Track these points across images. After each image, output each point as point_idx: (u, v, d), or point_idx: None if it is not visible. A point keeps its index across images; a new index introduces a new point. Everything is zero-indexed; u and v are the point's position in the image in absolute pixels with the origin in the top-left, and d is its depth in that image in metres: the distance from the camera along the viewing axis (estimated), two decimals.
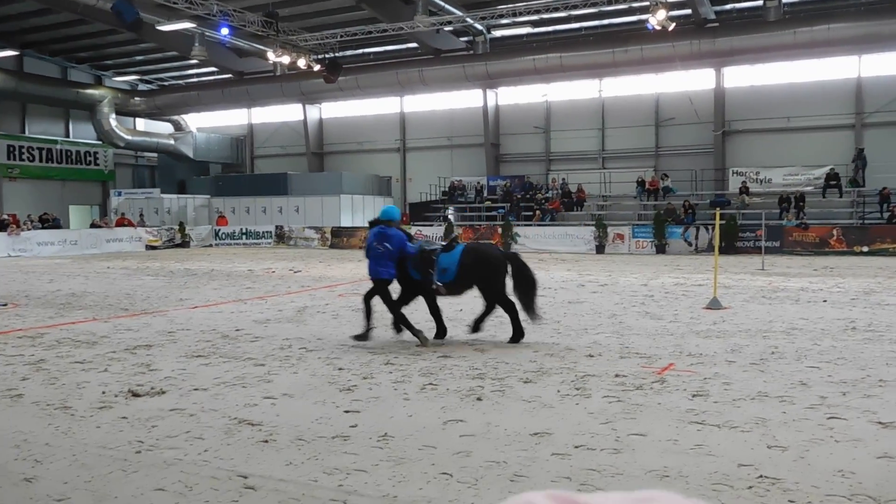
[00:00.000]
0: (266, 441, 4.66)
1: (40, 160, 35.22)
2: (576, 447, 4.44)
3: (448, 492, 3.75)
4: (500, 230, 27.70)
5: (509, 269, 8.32)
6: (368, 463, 4.20)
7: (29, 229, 27.29)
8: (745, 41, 25.08)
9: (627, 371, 6.58)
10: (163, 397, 5.83)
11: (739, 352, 7.45)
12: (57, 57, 35.35)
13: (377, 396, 5.77)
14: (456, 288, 8.38)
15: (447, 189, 33.37)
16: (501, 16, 27.03)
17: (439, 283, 8.17)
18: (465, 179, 33.30)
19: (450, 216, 31.04)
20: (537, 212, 29.30)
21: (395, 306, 8.31)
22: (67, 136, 37.22)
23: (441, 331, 8.51)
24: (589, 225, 26.75)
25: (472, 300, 9.42)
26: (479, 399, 5.65)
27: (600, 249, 25.65)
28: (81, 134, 37.36)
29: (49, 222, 29.51)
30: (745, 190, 26.91)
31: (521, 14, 26.77)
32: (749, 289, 13.50)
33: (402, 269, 8.29)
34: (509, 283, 8.34)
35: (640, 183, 29.22)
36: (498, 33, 30.99)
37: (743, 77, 29.03)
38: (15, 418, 5.28)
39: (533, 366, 6.87)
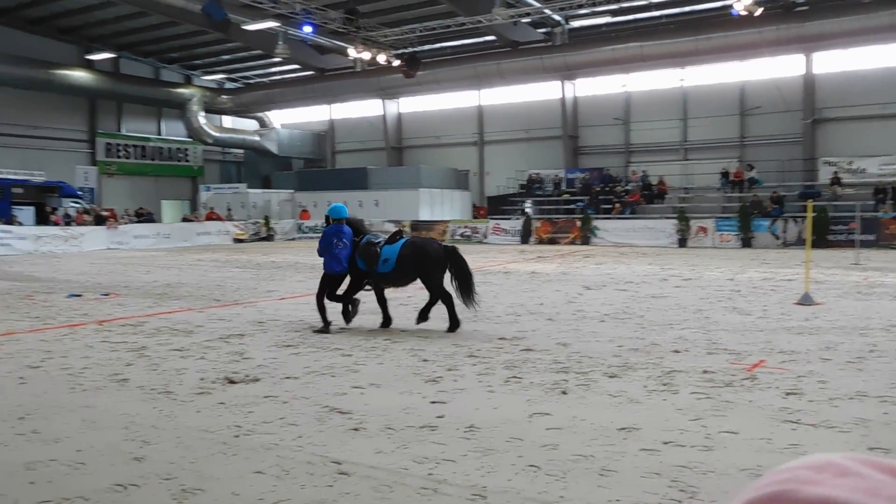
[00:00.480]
0: (356, 429, 4.80)
1: (135, 157, 36.99)
2: (665, 443, 4.39)
3: (536, 484, 3.78)
4: (578, 224, 27.41)
5: (448, 262, 8.73)
6: (456, 453, 4.27)
7: (126, 223, 28.69)
8: (837, 25, 23.96)
9: (716, 367, 6.44)
10: (256, 384, 6.07)
11: (835, 349, 7.18)
12: (150, 58, 36.96)
13: (462, 388, 5.85)
14: (396, 278, 8.93)
15: (525, 182, 33.23)
16: (580, 6, 26.67)
17: (368, 281, 8.92)
18: (543, 172, 33.08)
19: (527, 210, 30.91)
20: (617, 205, 28.85)
21: (336, 297, 9.02)
22: (160, 133, 38.90)
23: (386, 320, 9.05)
24: (670, 218, 26.16)
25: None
26: (563, 393, 5.65)
27: (682, 243, 25.05)
28: (173, 132, 38.98)
29: (144, 216, 30.95)
30: (836, 181, 25.75)
31: (600, 3, 26.33)
32: (843, 284, 12.95)
33: (351, 261, 8.94)
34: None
35: (724, 174, 28.37)
36: (576, 24, 30.58)
37: (834, 62, 27.73)
38: (122, 401, 5.60)
39: (617, 360, 6.81)
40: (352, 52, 28.21)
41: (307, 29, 26.18)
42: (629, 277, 14.87)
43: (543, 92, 33.81)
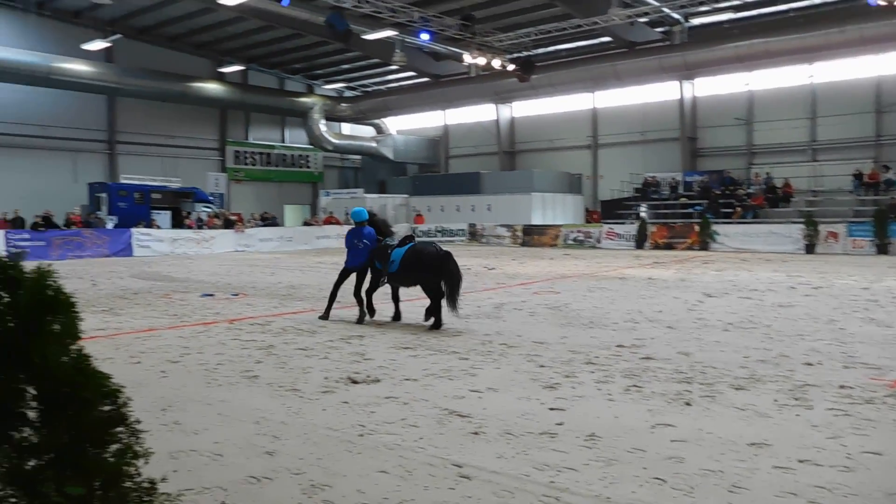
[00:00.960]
0: (476, 433, 4.83)
1: (261, 164, 38.92)
2: (800, 461, 4.17)
3: (662, 497, 3.68)
4: (696, 228, 26.45)
5: (441, 266, 9.27)
6: (578, 462, 4.22)
7: (252, 227, 30.18)
8: None
9: (853, 382, 6.05)
10: (378, 385, 6.23)
11: None
12: (275, 69, 38.76)
13: (581, 395, 5.77)
14: (400, 279, 9.80)
15: (640, 186, 32.43)
16: (702, 2, 25.76)
17: (384, 277, 9.88)
18: (660, 175, 32.17)
19: (642, 214, 30.15)
20: (738, 209, 27.64)
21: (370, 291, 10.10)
22: (283, 141, 40.71)
23: (396, 315, 10.00)
24: (797, 222, 24.79)
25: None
26: (687, 404, 5.47)
27: (810, 249, 23.66)
28: (295, 139, 40.70)
29: (268, 220, 32.45)
30: None
31: (723, 0, 25.32)
32: None
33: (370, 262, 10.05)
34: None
35: (857, 176, 26.61)
36: (696, 21, 29.55)
37: None
38: (254, 397, 5.89)
39: (744, 372, 6.53)
40: (467, 58, 28.48)
41: (424, 36, 26.66)
42: (753, 285, 14.21)
43: (660, 93, 32.91)
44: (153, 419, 5.24)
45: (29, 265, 1.80)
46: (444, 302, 9.21)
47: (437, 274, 9.26)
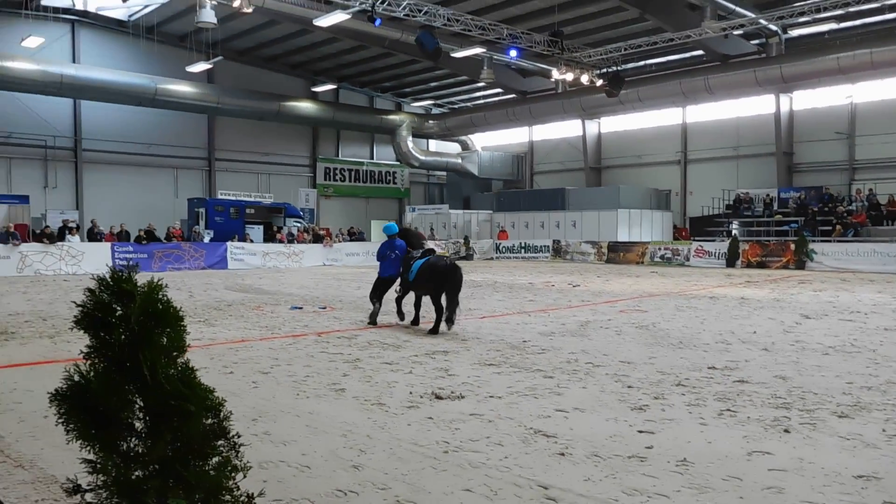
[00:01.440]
0: (562, 454, 4.75)
1: (350, 180, 39.86)
2: None
3: None
4: (792, 246, 25.34)
5: (448, 277, 10.30)
6: (669, 488, 4.09)
7: (340, 241, 30.86)
8: None
9: None
10: (462, 402, 6.22)
11: None
12: (365, 88, 39.70)
13: (671, 418, 5.60)
14: (417, 287, 10.88)
15: (731, 202, 31.37)
16: (802, 13, 24.78)
17: (398, 286, 11.24)
18: (753, 192, 31.03)
19: (734, 231, 29.12)
20: (838, 226, 26.32)
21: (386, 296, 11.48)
22: (372, 157, 41.56)
23: (415, 319, 11.05)
24: None
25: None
26: (786, 431, 5.22)
27: None
28: (382, 156, 41.47)
29: (355, 235, 33.10)
30: None
31: (825, 9, 24.28)
32: None
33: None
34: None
35: None
36: (795, 32, 28.45)
37: None
38: (340, 410, 5.99)
39: (848, 399, 6.18)
40: (555, 74, 28.36)
41: (512, 53, 26.73)
42: (855, 306, 13.48)
43: (755, 106, 31.81)
44: (244, 429, 5.39)
45: (140, 278, 1.90)
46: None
47: (441, 284, 10.31)
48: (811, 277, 21.51)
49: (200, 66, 29.52)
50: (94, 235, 25.36)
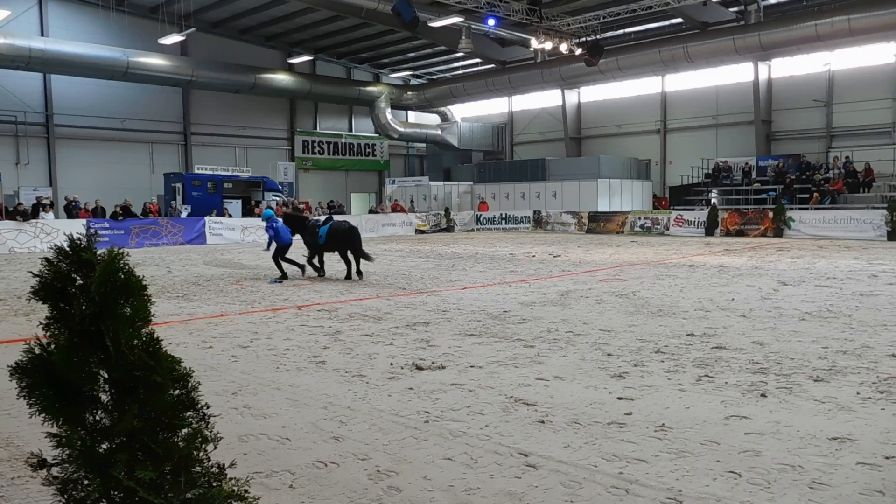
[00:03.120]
0: (542, 421, 4.77)
1: (329, 153, 39.47)
2: (886, 458, 3.95)
3: (737, 492, 3.55)
4: (770, 214, 25.55)
5: (351, 236, 13.79)
6: (648, 453, 4.12)
7: (319, 215, 30.63)
8: None
9: None
10: (443, 372, 6.23)
11: None
12: (342, 59, 39.17)
13: (650, 385, 5.64)
14: (327, 247, 13.94)
15: (711, 171, 31.52)
16: None
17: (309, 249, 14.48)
18: (732, 160, 31.18)
19: (713, 199, 29.30)
20: (815, 194, 26.56)
21: (286, 260, 14.35)
22: (350, 130, 41.16)
23: (321, 271, 14.33)
24: (879, 208, 23.67)
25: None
26: (763, 395, 5.28)
27: (892, 236, 22.56)
28: (361, 128, 41.09)
29: (335, 209, 32.88)
30: None
31: None
32: None
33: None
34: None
35: None
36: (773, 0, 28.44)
37: None
38: (321, 382, 5.97)
39: (823, 363, 6.26)
40: (534, 43, 28.14)
41: (491, 22, 26.47)
42: (831, 273, 13.64)
43: (734, 75, 31.83)
44: (224, 403, 5.37)
45: (101, 250, 1.84)
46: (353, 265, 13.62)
47: (345, 242, 13.73)
48: (789, 245, 21.73)
49: (173, 39, 28.92)
50: (71, 212, 24.98)
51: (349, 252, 13.71)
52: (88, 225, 23.09)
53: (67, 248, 1.77)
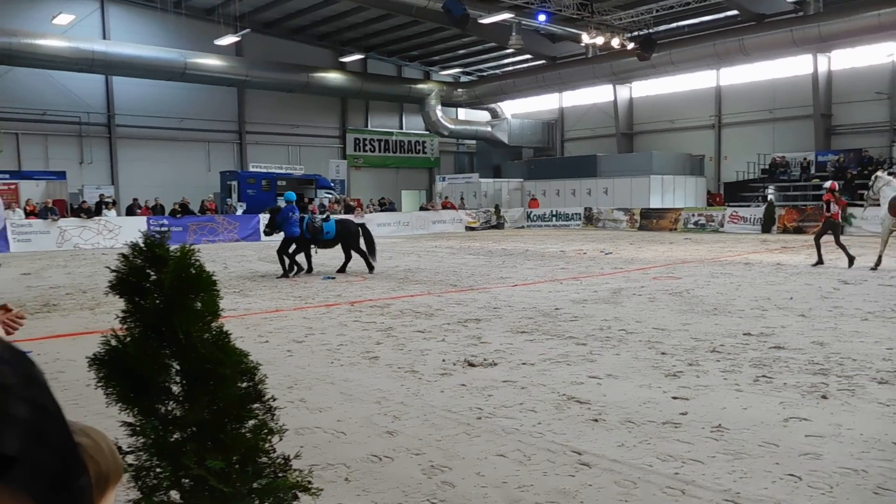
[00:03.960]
0: (595, 420, 4.75)
1: (379, 150, 39.80)
2: None
3: (797, 496, 3.48)
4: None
5: (361, 234, 14.38)
6: (704, 454, 4.06)
7: (370, 212, 30.94)
8: None
9: None
10: (495, 368, 6.24)
11: None
12: (393, 57, 39.39)
13: (706, 385, 5.55)
14: (333, 243, 14.34)
15: (767, 166, 30.73)
16: None
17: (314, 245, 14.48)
18: (789, 155, 30.33)
19: (770, 196, 28.57)
20: None
21: (292, 254, 14.33)
22: (401, 127, 41.41)
23: (309, 268, 14.45)
24: None
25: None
26: (823, 397, 5.15)
27: None
28: (412, 125, 41.29)
29: (386, 206, 33.16)
30: None
31: None
32: None
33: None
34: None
35: None
36: None
37: None
38: (374, 377, 6.05)
39: (887, 365, 6.07)
40: (585, 38, 27.86)
41: (541, 18, 26.29)
42: (895, 271, 13.20)
43: (791, 67, 30.95)
44: (280, 396, 5.44)
45: (172, 246, 1.91)
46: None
47: (359, 238, 14.29)
48: (849, 242, 21.03)
49: (228, 39, 29.52)
50: (132, 211, 25.76)
51: (358, 248, 14.32)
52: (149, 223, 23.77)
53: (142, 245, 1.84)
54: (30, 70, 27.25)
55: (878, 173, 15.05)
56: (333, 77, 34.71)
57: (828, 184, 15.27)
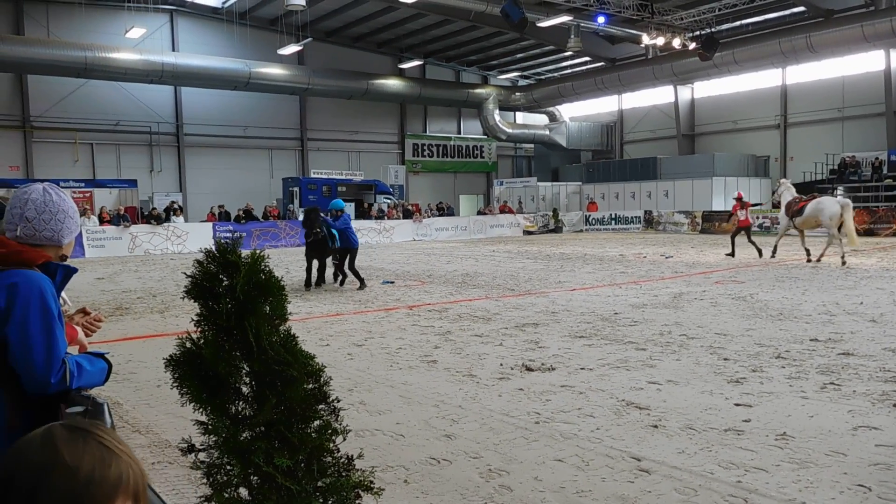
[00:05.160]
0: (655, 426, 4.71)
1: (437, 155, 40.05)
2: None
3: None
4: None
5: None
6: (768, 462, 3.99)
7: (429, 217, 31.16)
8: None
9: None
10: (553, 373, 6.24)
11: None
12: (451, 62, 39.62)
13: (770, 392, 5.44)
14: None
15: (836, 167, 29.71)
16: None
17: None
18: (860, 155, 29.27)
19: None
20: None
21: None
22: (459, 132, 41.58)
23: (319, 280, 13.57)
24: None
25: None
26: (895, 406, 4.98)
27: None
28: (470, 130, 41.41)
29: (444, 210, 33.32)
30: None
31: None
32: None
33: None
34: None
35: None
36: None
37: None
38: (433, 381, 6.12)
39: None
40: (645, 39, 27.48)
41: (600, 20, 26.07)
42: None
43: (861, 64, 29.88)
44: (342, 399, 5.59)
45: (243, 252, 2.02)
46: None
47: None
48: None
49: (291, 49, 30.19)
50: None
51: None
52: (215, 228, 24.46)
53: (216, 251, 1.95)
54: (103, 82, 28.42)
55: (782, 180, 17.77)
56: (392, 83, 35.10)
57: (735, 194, 17.95)
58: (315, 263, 13.38)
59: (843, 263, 14.88)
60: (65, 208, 2.06)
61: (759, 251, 16.93)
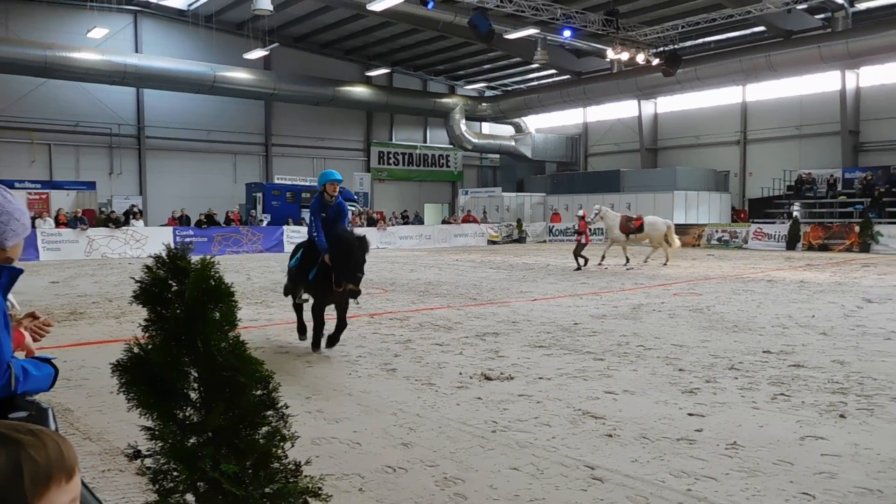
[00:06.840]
0: (610, 435, 4.77)
1: (403, 164, 40.03)
2: None
3: None
4: (856, 228, 24.51)
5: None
6: (718, 471, 4.07)
7: (393, 225, 31.12)
8: None
9: None
10: (511, 382, 6.28)
11: None
12: (419, 71, 39.70)
13: (723, 402, 5.54)
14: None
15: (793, 183, 30.44)
16: None
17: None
18: (815, 172, 30.01)
19: (795, 213, 28.30)
20: None
21: None
22: (425, 141, 41.64)
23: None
24: None
25: None
26: (841, 416, 5.12)
27: None
28: (436, 139, 41.51)
29: (408, 219, 33.32)
30: None
31: None
32: None
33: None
34: None
35: None
36: (862, 5, 27.33)
37: None
38: (391, 389, 6.11)
39: None
40: (610, 54, 27.87)
41: (566, 34, 26.37)
42: None
43: (818, 84, 30.70)
44: (298, 406, 5.55)
45: (194, 258, 2.01)
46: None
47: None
48: (876, 261, 20.79)
49: (257, 53, 29.98)
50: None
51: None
52: (175, 233, 24.11)
53: (165, 257, 1.93)
54: (63, 82, 27.83)
55: (598, 206, 20.21)
56: (359, 91, 35.05)
57: (580, 212, 19.57)
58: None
59: (665, 264, 19.02)
60: (10, 209, 2.02)
61: (586, 261, 18.40)
